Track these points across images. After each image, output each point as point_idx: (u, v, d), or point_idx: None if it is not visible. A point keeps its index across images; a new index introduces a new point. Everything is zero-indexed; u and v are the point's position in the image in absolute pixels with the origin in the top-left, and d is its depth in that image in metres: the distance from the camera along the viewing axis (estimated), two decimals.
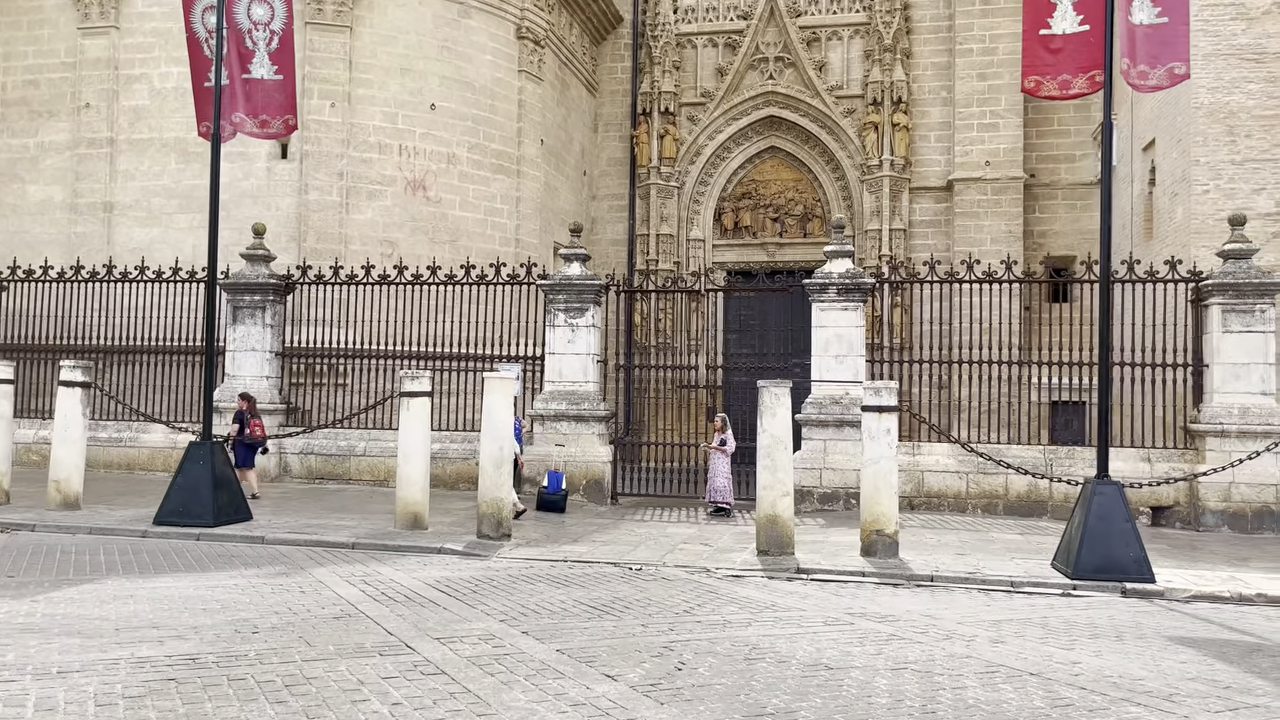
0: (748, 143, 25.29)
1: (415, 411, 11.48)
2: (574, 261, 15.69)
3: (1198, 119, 16.67)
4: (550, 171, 22.66)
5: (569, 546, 10.81)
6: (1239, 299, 13.77)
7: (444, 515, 12.55)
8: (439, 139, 19.79)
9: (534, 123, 21.52)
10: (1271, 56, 16.39)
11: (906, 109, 23.73)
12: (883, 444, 10.31)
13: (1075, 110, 23.35)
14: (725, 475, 14.13)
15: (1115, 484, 9.64)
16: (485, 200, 20.49)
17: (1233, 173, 16.51)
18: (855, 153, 24.13)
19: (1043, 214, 23.45)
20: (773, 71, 24.70)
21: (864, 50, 24.34)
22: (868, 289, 14.89)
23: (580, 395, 15.30)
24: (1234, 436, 13.61)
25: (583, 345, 15.42)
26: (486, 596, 7.91)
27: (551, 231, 22.52)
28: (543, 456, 15.10)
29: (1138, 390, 14.70)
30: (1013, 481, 14.37)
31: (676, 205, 25.09)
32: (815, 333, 15.01)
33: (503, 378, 11.15)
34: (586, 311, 15.42)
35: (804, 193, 25.29)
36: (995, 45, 23.11)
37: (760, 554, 10.38)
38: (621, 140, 25.75)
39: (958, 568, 9.86)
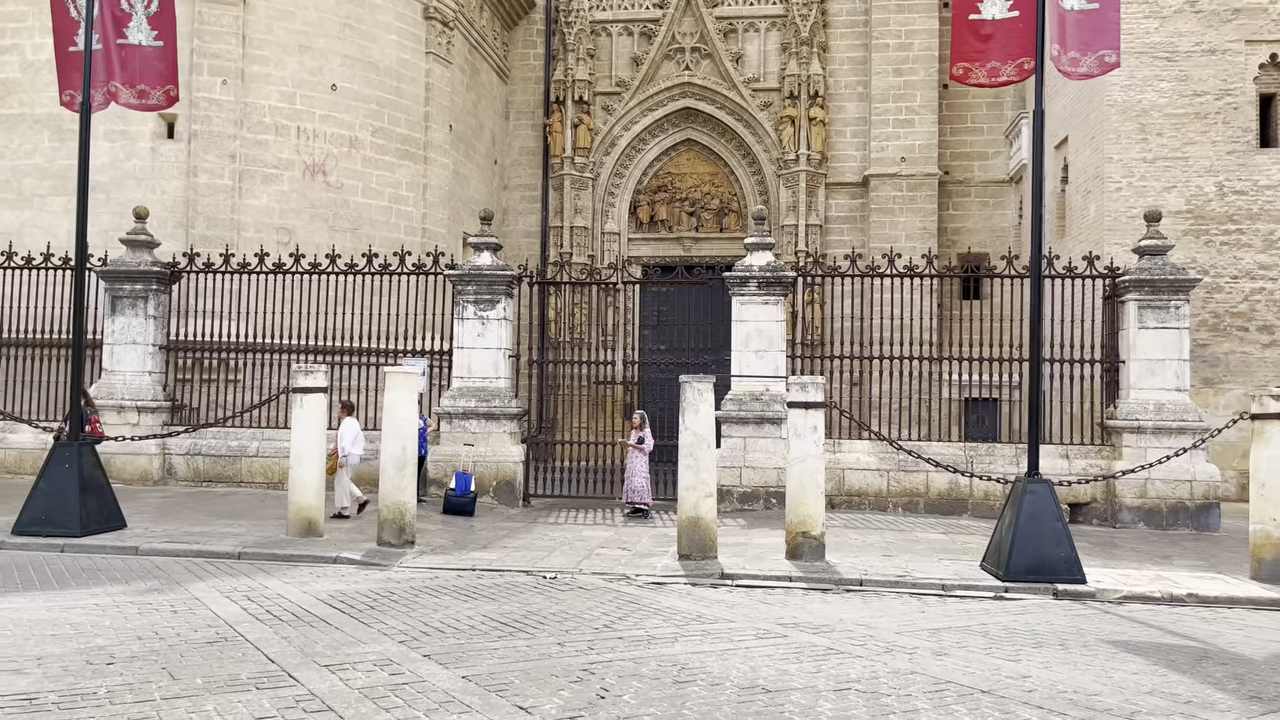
0: (664, 134, 24.78)
1: (309, 409, 10.60)
2: (484, 251, 14.91)
3: (1111, 116, 16.74)
4: (460, 159, 21.77)
5: (478, 553, 10.09)
6: (1155, 295, 13.76)
7: (342, 521, 11.67)
8: (341, 121, 18.74)
9: (442, 107, 20.61)
10: (1182, 56, 16.55)
11: (823, 103, 23.52)
12: (809, 442, 9.86)
13: (988, 108, 23.47)
14: (643, 475, 13.55)
15: (1046, 482, 9.36)
16: (390, 187, 19.51)
17: (1144, 170, 16.62)
18: (772, 146, 23.82)
19: (956, 211, 23.50)
20: (689, 62, 24.22)
21: (781, 43, 24.05)
22: (789, 283, 14.49)
23: (491, 392, 14.54)
24: (1149, 433, 13.60)
25: (494, 339, 14.66)
26: (385, 613, 7.15)
27: (461, 221, 21.64)
28: (450, 457, 14.29)
29: (1054, 387, 14.62)
30: (934, 479, 14.13)
31: (591, 197, 24.43)
32: (735, 327, 14.54)
33: (406, 372, 10.36)
34: (498, 304, 14.66)
35: (720, 187, 24.90)
36: (911, 41, 23.06)
37: (682, 558, 9.83)
38: (534, 129, 24.97)
39: (886, 570, 9.46)
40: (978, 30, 10.04)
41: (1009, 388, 17.83)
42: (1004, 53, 9.95)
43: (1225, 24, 16.45)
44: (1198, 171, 16.45)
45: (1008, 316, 16.72)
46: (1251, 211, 16.28)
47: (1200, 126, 16.48)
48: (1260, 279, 16.20)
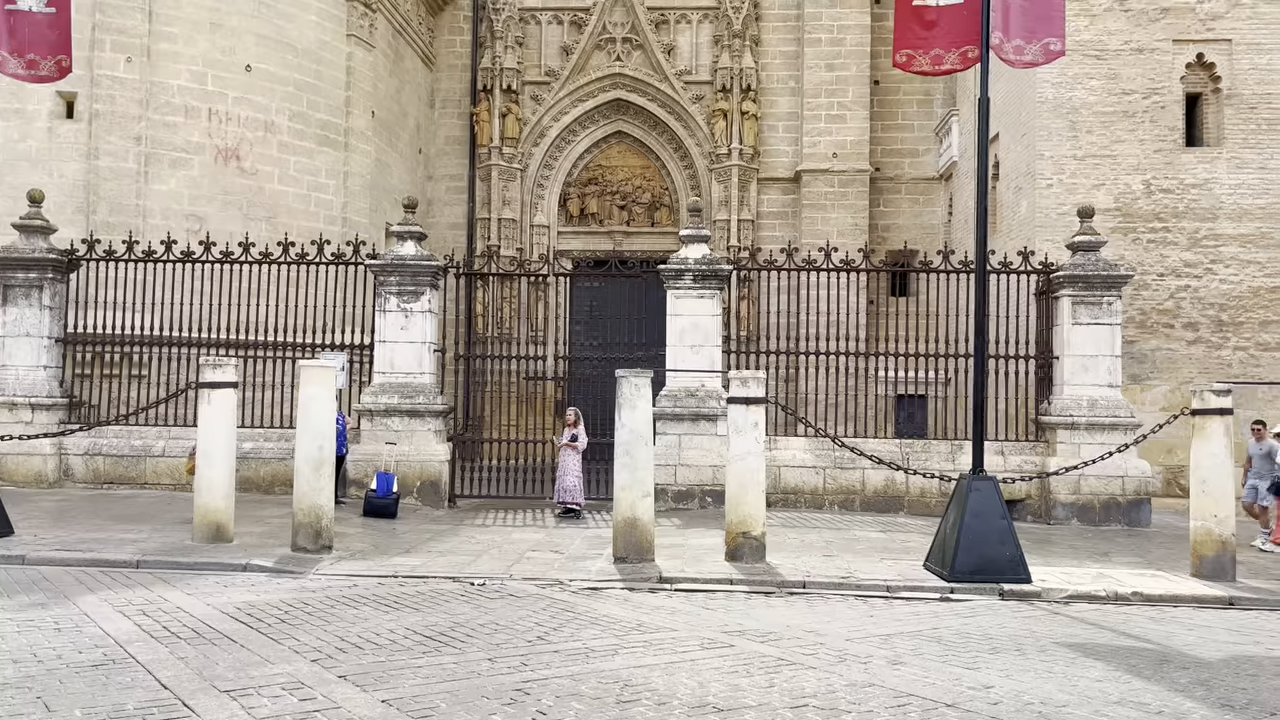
0: (594, 126, 24.27)
1: (217, 405, 9.87)
2: (408, 240, 14.25)
3: (1042, 113, 16.77)
4: (382, 147, 20.97)
5: (400, 558, 9.49)
6: (1088, 291, 13.76)
7: (254, 525, 10.95)
8: (256, 104, 17.83)
9: (364, 93, 19.80)
10: (1111, 54, 16.65)
11: (755, 97, 23.27)
12: (750, 439, 9.48)
13: (919, 105, 23.49)
14: (576, 474, 13.06)
15: (991, 480, 9.13)
16: (309, 174, 18.65)
17: (1075, 168, 16.69)
18: (704, 140, 23.49)
19: (886, 208, 23.47)
20: (620, 53, 23.76)
21: (713, 35, 23.74)
22: (725, 276, 14.13)
23: (415, 388, 13.89)
24: (1083, 429, 13.59)
25: (418, 333, 14.02)
26: (298, 627, 6.55)
27: (383, 211, 20.84)
28: (371, 456, 13.61)
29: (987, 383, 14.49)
30: (870, 477, 13.93)
31: (520, 189, 23.81)
32: (670, 321, 14.14)
33: (322, 366, 9.71)
34: (422, 295, 14.02)
35: (652, 180, 24.49)
36: (843, 36, 22.95)
37: (618, 561, 9.37)
38: (461, 118, 24.24)
39: (829, 572, 9.13)
40: (921, 16, 9.77)
41: (939, 384, 17.76)
42: (948, 40, 9.70)
43: (1153, 23, 16.60)
44: (1126, 170, 16.57)
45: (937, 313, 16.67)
46: (1178, 210, 16.45)
47: (1129, 125, 16.60)
48: (1185, 277, 16.38)
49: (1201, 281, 16.38)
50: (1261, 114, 16.30)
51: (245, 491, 13.56)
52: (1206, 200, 16.42)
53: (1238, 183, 16.32)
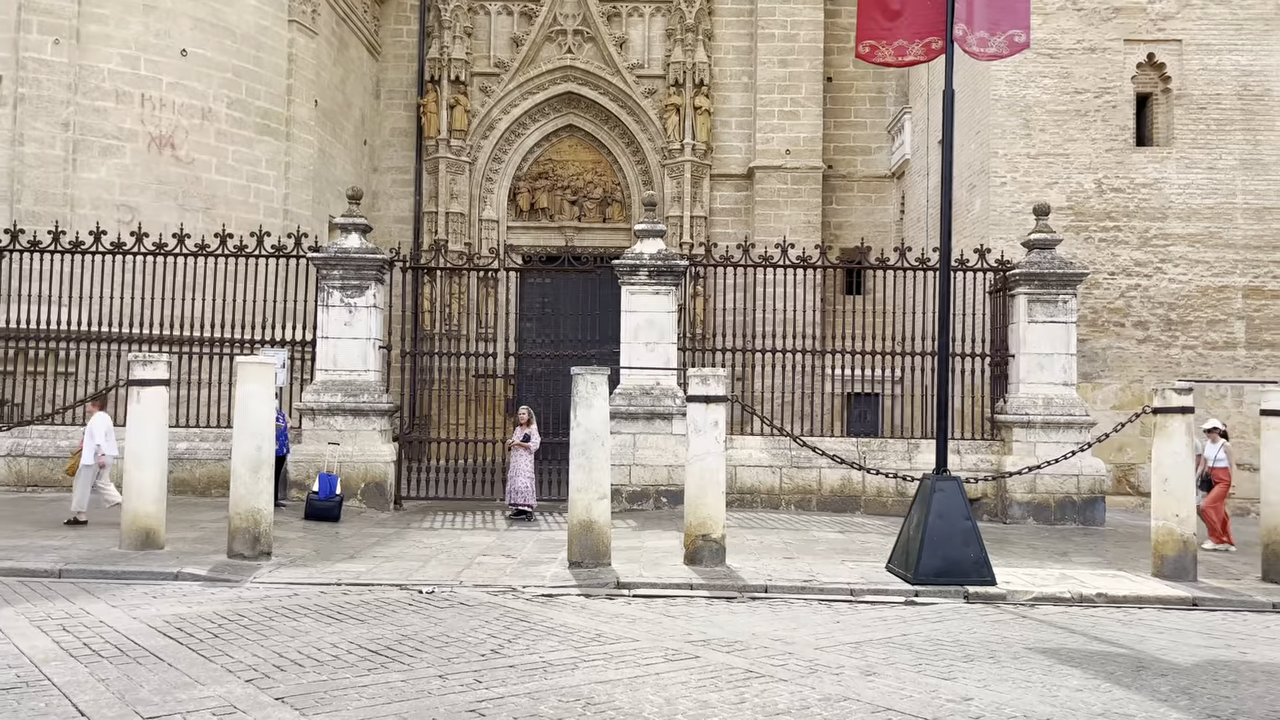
0: (545, 119, 23.84)
1: (148, 404, 9.32)
2: (352, 232, 13.74)
3: (996, 111, 16.73)
4: (326, 137, 20.34)
5: (344, 565, 9.04)
6: (1044, 289, 13.70)
7: (188, 530, 10.40)
8: (192, 90, 17.12)
9: (307, 80, 19.17)
10: (1064, 53, 16.66)
11: (709, 93, 23.03)
12: (710, 438, 9.19)
13: (871, 103, 23.44)
14: (527, 475, 12.67)
15: (955, 480, 8.95)
16: (248, 164, 17.98)
17: (1028, 166, 16.68)
18: (656, 135, 23.19)
19: (839, 205, 23.38)
20: (571, 45, 23.35)
21: (666, 29, 23.44)
22: (680, 272, 13.83)
23: (359, 385, 13.39)
24: (1039, 427, 13.53)
25: (362, 328, 13.51)
26: (233, 642, 6.10)
27: (326, 204, 20.21)
28: (314, 456, 13.08)
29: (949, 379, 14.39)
30: (826, 476, 13.74)
31: (468, 182, 23.29)
32: (625, 318, 13.81)
33: (261, 363, 9.21)
34: (367, 290, 13.51)
35: (604, 175, 24.13)
36: (796, 32, 22.80)
37: (573, 566, 9.02)
38: (407, 109, 23.64)
39: (791, 575, 8.88)
40: (885, 6, 9.56)
41: (890, 383, 17.70)
42: (912, 31, 9.50)
43: (1105, 23, 16.65)
44: (1078, 168, 16.60)
45: (890, 311, 16.59)
46: (1128, 209, 16.52)
47: (1081, 124, 16.63)
48: (1136, 276, 16.46)
49: (1151, 281, 16.47)
50: (1210, 114, 16.43)
51: (179, 494, 12.97)
52: (1156, 200, 16.51)
53: (1187, 182, 16.44)
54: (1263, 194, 16.34)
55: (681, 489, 13.49)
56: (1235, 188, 16.39)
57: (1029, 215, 16.47)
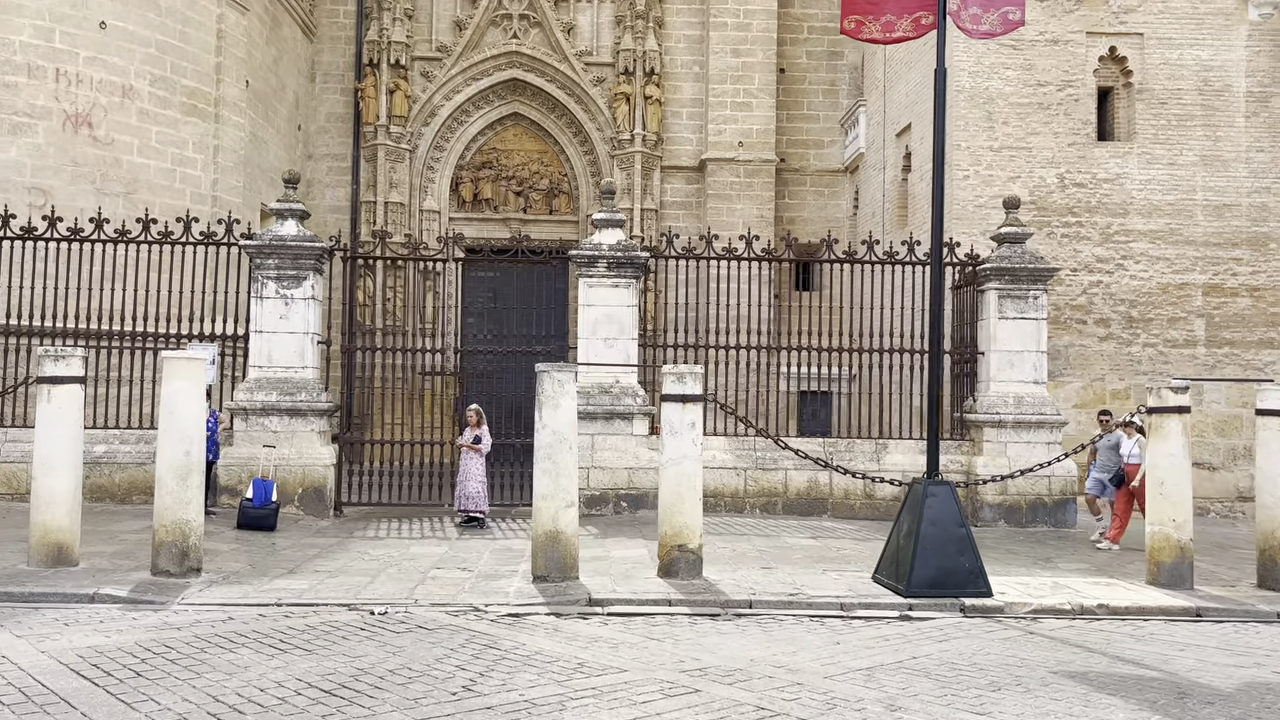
0: (489, 107, 22.92)
1: (60, 404, 8.33)
2: (289, 219, 12.77)
3: (960, 103, 16.35)
4: (258, 121, 19.19)
5: (283, 581, 8.16)
6: (1015, 285, 13.32)
7: (106, 542, 9.40)
8: (112, 66, 15.91)
9: (237, 59, 18.02)
10: (1027, 44, 16.35)
11: (659, 82, 22.36)
12: (687, 440, 8.52)
13: (824, 95, 23.00)
14: (479, 479, 11.86)
15: (947, 484, 8.42)
16: (174, 146, 16.80)
17: (991, 159, 16.34)
18: (605, 125, 22.44)
19: (792, 200, 22.91)
20: (517, 30, 22.48)
21: (615, 15, 22.71)
22: (641, 264, 13.15)
23: (296, 383, 12.43)
24: (1010, 427, 13.15)
25: (299, 322, 12.56)
26: (159, 682, 5.25)
27: (259, 191, 19.08)
28: (246, 460, 12.10)
29: (900, 379, 13.92)
30: (793, 478, 13.19)
31: (409, 171, 22.28)
32: (583, 312, 13.08)
33: (189, 358, 8.28)
34: (305, 280, 12.57)
35: (550, 166, 23.31)
36: (749, 21, 22.24)
37: (538, 580, 8.27)
38: (344, 94, 22.53)
39: (774, 588, 8.25)
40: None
41: (843, 380, 17.26)
42: (900, 6, 8.96)
43: (1068, 14, 16.39)
44: (1041, 162, 16.31)
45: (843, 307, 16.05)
46: (1090, 205, 16.27)
47: (1043, 117, 16.34)
48: (1098, 272, 16.23)
49: (1113, 278, 16.25)
50: (1171, 109, 16.27)
51: (97, 501, 11.90)
52: (1118, 195, 16.30)
53: (1148, 178, 16.25)
54: (1222, 190, 16.23)
55: (643, 493, 12.86)
56: (1195, 184, 16.25)
57: (992, 209, 16.14)
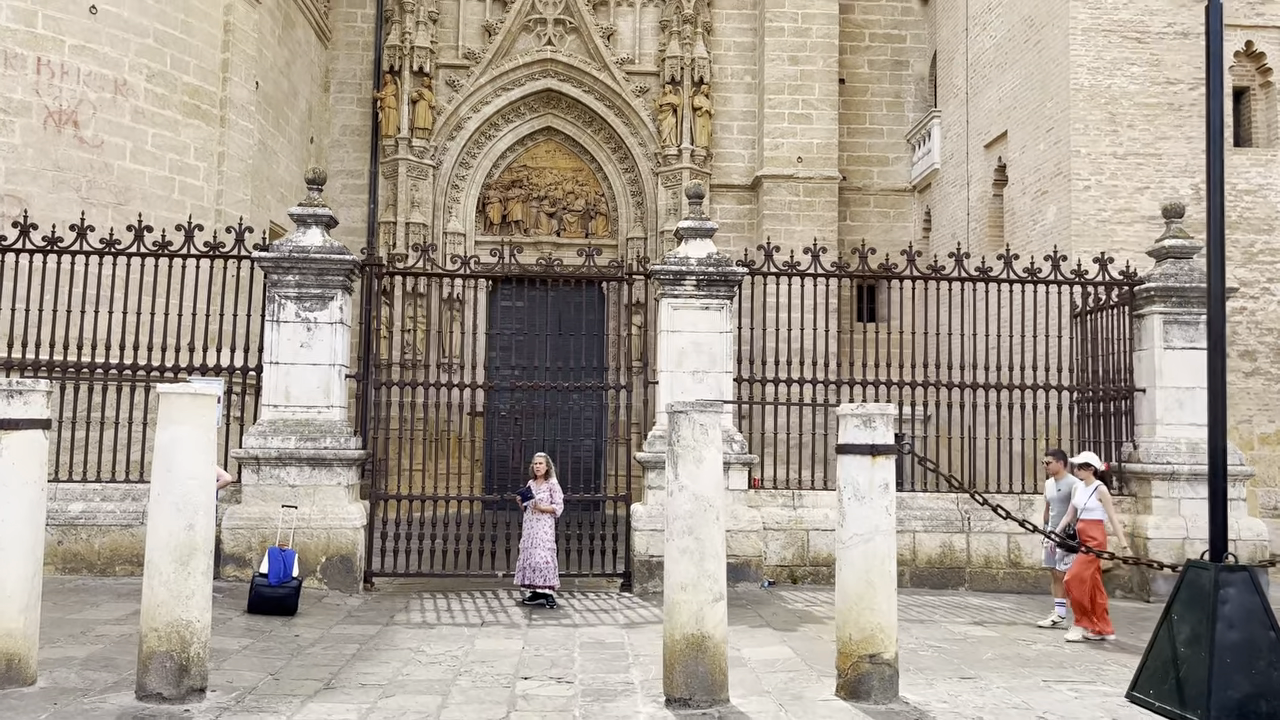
0: (520, 120, 20.85)
1: (13, 457, 5.99)
2: (313, 226, 10.53)
3: (1077, 102, 14.26)
4: (267, 128, 17.03)
5: (322, 706, 5.81)
6: (1183, 308, 11.12)
7: (78, 641, 7.04)
8: (103, 57, 13.76)
9: (247, 57, 15.89)
10: (1154, 37, 14.31)
11: (708, 93, 20.32)
12: (878, 508, 6.23)
13: (888, 108, 20.99)
14: (548, 546, 9.52)
15: (1246, 570, 6.12)
16: (173, 151, 14.61)
17: (1115, 167, 14.21)
18: (649, 140, 20.36)
19: (853, 221, 20.80)
20: (552, 36, 20.46)
21: (659, 21, 20.70)
22: (736, 282, 10.89)
23: (320, 426, 10.11)
24: (1184, 480, 10.84)
25: (324, 351, 10.27)
26: None
27: (267, 207, 16.88)
28: (258, 522, 9.75)
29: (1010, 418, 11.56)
30: (923, 543, 10.88)
31: (431, 189, 20.13)
32: (664, 340, 10.81)
33: (196, 394, 5.99)
34: (331, 301, 10.30)
35: (586, 185, 21.20)
36: (809, 26, 20.24)
37: (675, 704, 5.93)
38: (361, 105, 20.44)
39: (1007, 715, 5.92)
40: None
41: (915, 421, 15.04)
42: None
43: (1198, 3, 14.33)
44: (1172, 171, 14.20)
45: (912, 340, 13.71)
46: (1230, 220, 14.10)
47: (1174, 120, 14.26)
48: (1241, 298, 14.06)
49: (1259, 303, 14.09)
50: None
51: (72, 573, 9.55)
52: (1261, 209, 14.19)
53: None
54: None
55: (743, 561, 10.53)
56: None
57: (1117, 224, 14.04)
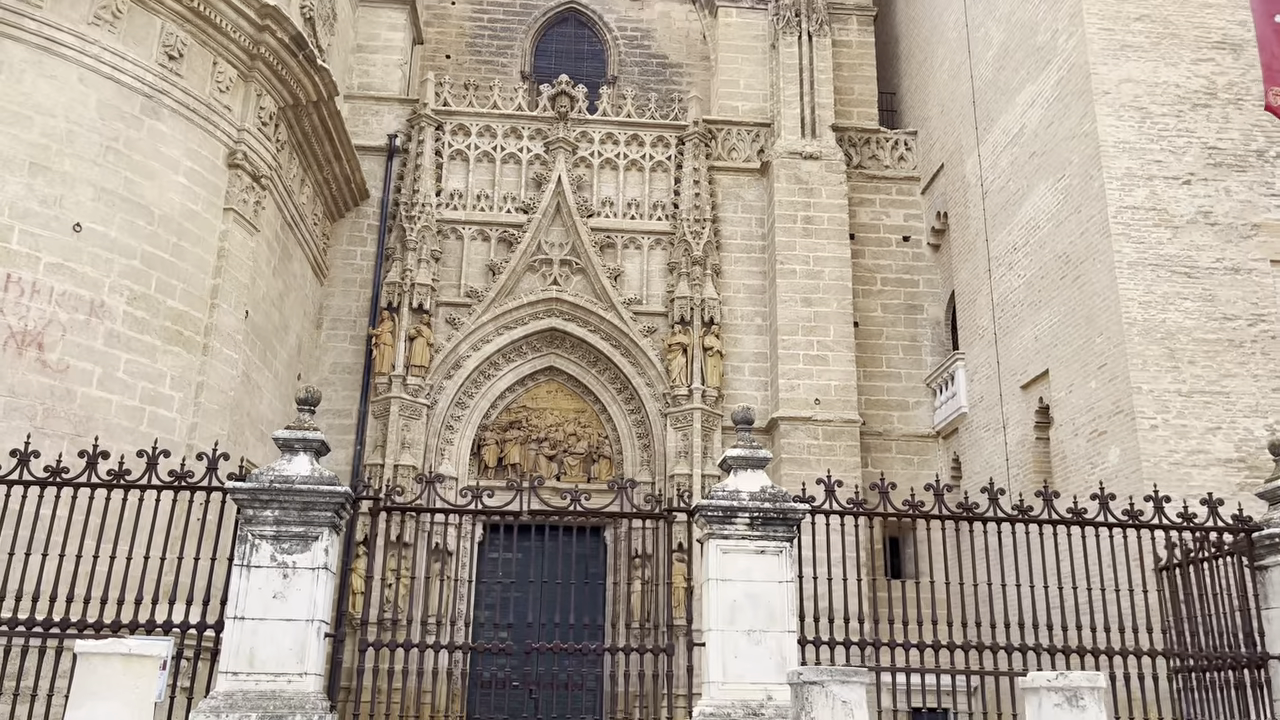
0: (522, 359, 19.85)
1: None
2: (300, 452, 8.95)
3: (1133, 337, 13.33)
4: (254, 361, 15.80)
5: None
6: None
7: None
8: (81, 277, 12.65)
9: (238, 285, 14.90)
10: (1204, 272, 13.64)
11: (719, 333, 19.53)
12: None
13: (905, 352, 20.24)
14: None
15: None
16: (146, 380, 13.22)
17: (1181, 405, 13.08)
18: (656, 380, 19.32)
19: (875, 468, 19.39)
20: (558, 276, 19.89)
21: (667, 263, 20.25)
22: (796, 521, 9.28)
23: (290, 701, 8.04)
24: None
25: (302, 604, 8.38)
26: None
27: (245, 445, 15.30)
28: None
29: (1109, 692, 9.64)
30: None
31: (425, 430, 18.74)
32: (711, 591, 9.02)
33: (131, 653, 4.19)
34: (315, 542, 8.54)
35: (589, 427, 19.92)
36: (820, 269, 19.80)
37: None
38: (354, 342, 19.44)
39: None
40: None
41: (957, 693, 13.09)
42: None
43: (1245, 240, 13.83)
44: (1243, 411, 13.08)
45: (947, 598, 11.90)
46: None
47: (1236, 356, 13.32)
48: None
49: None
50: None
51: None
52: None
53: None
54: None
55: None
56: None
57: (1192, 468, 12.75)
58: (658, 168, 20.85)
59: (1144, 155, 14.04)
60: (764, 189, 20.77)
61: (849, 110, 21.74)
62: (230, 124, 14.83)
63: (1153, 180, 13.92)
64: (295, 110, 16.37)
